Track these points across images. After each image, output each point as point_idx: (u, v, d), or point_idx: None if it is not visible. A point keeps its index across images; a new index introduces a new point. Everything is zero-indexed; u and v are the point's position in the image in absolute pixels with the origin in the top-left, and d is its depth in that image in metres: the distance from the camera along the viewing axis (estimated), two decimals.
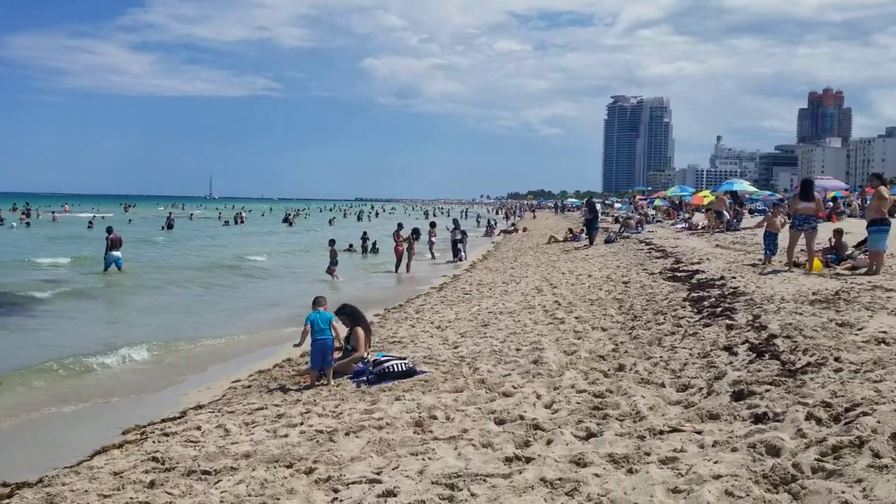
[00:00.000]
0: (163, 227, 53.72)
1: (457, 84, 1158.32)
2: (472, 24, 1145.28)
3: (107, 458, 6.19)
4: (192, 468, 5.45)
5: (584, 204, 47.18)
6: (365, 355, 8.92)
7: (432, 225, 32.21)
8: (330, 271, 21.81)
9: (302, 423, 6.52)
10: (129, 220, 55.68)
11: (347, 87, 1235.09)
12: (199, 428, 6.80)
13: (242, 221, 67.24)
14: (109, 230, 22.80)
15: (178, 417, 7.59)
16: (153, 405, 8.52)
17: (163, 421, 7.51)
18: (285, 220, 70.17)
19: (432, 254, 29.79)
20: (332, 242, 22.59)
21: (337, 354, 8.76)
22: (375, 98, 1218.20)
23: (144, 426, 7.37)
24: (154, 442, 6.52)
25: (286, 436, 6.14)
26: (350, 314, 9.38)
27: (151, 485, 5.21)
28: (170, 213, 62.70)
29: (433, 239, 30.36)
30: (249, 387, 8.94)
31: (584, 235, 29.32)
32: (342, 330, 9.08)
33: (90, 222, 54.70)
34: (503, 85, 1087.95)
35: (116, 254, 22.37)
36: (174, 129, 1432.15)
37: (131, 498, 4.99)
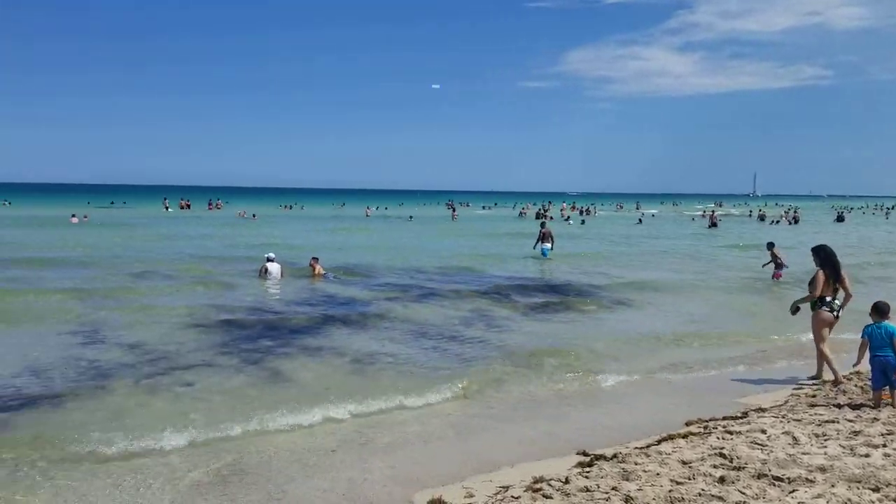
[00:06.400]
0: (708, 226, 54.33)
1: None
2: None
3: (673, 446, 6.43)
4: (763, 471, 5.31)
5: None
6: None
7: None
8: (775, 275, 20.75)
9: (885, 445, 5.83)
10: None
11: None
12: (763, 431, 6.61)
13: (796, 222, 63.58)
14: (542, 224, 27.32)
15: (740, 417, 7.49)
16: (709, 402, 8.57)
17: (724, 418, 7.50)
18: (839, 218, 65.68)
19: None
20: (770, 246, 21.54)
21: None
22: None
23: (706, 420, 7.47)
24: (718, 438, 6.55)
25: (867, 455, 5.56)
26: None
27: (721, 480, 5.23)
28: (712, 212, 65.36)
29: None
30: (814, 396, 8.38)
31: None
32: None
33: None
34: None
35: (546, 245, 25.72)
36: (716, 127, 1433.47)
37: (703, 490, 5.07)
